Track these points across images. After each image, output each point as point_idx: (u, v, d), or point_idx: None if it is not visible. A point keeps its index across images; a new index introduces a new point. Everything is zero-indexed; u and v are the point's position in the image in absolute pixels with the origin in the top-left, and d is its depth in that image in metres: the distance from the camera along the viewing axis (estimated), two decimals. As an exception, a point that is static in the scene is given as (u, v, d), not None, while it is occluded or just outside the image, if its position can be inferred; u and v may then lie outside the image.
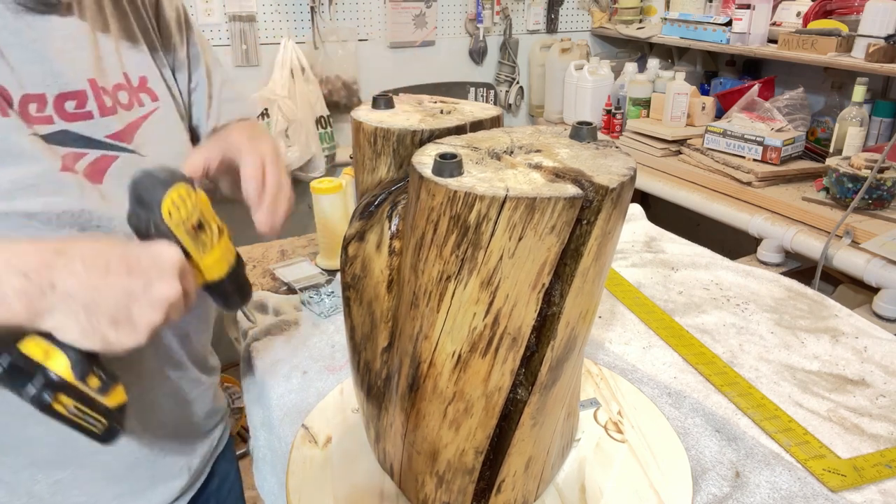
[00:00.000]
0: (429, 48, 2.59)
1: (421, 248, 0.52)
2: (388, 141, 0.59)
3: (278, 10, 2.27)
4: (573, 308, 0.53)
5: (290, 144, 2.16)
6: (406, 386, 0.59)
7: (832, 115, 2.04)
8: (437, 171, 0.48)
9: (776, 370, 0.91)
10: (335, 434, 0.77)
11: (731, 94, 2.26)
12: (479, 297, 0.50)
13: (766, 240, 1.74)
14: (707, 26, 2.26)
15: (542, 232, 0.47)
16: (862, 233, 1.57)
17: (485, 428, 0.57)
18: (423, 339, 0.55)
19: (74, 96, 0.65)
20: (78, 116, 0.65)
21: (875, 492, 0.70)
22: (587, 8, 2.85)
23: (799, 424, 0.80)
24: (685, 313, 1.06)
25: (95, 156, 0.66)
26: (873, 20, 1.76)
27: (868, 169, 1.59)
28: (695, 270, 1.21)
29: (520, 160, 0.52)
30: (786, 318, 1.05)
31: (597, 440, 0.75)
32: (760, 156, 1.92)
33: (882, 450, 0.76)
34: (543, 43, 2.73)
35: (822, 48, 1.89)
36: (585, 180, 0.48)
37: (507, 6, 2.66)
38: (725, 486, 0.70)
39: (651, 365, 0.92)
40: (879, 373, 0.91)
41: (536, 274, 0.50)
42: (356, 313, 0.65)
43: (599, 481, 0.69)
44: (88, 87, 0.66)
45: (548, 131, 0.60)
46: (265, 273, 1.22)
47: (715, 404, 0.84)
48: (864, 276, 1.51)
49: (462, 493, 0.62)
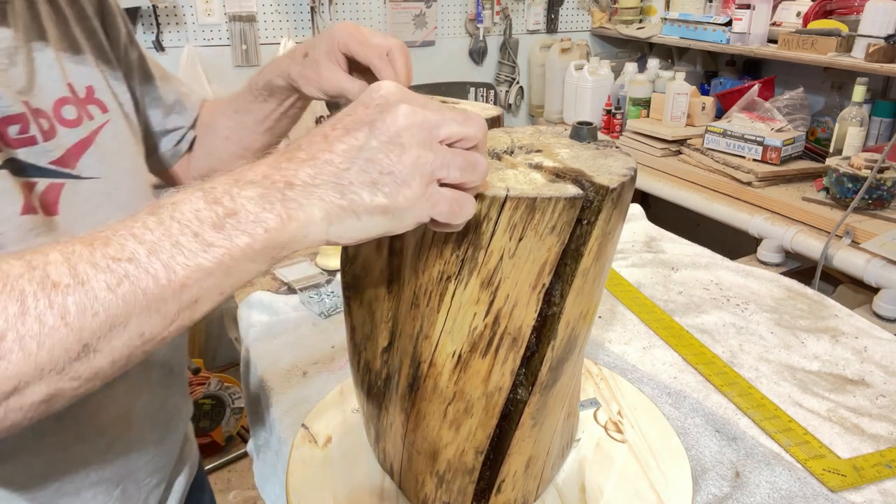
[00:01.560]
0: (429, 48, 2.59)
1: (421, 249, 0.52)
2: (389, 141, 0.59)
3: (278, 10, 2.27)
4: (573, 308, 0.53)
5: (290, 144, 2.16)
6: (406, 386, 0.59)
7: (832, 115, 2.04)
8: (438, 171, 0.48)
9: (776, 370, 0.91)
10: (335, 434, 0.77)
11: (731, 94, 2.26)
12: (479, 297, 0.50)
13: (766, 240, 1.74)
14: (707, 26, 2.26)
15: (542, 232, 0.47)
16: (862, 233, 1.57)
17: (485, 428, 0.57)
18: (423, 338, 0.55)
19: (17, 120, 0.57)
20: (23, 142, 0.57)
21: (875, 492, 0.70)
22: (587, 8, 2.85)
23: (799, 424, 0.80)
24: (685, 313, 1.06)
25: (45, 185, 0.58)
26: (873, 20, 1.77)
27: (868, 169, 1.59)
28: (695, 270, 1.21)
29: (520, 160, 0.52)
30: (786, 318, 1.05)
31: (597, 440, 0.75)
32: (760, 156, 1.92)
33: (882, 450, 0.76)
34: (543, 43, 2.73)
35: (822, 48, 1.90)
36: (586, 180, 0.48)
37: (507, 6, 2.66)
38: (725, 486, 0.70)
39: (651, 365, 0.92)
40: (879, 373, 0.91)
41: (537, 274, 0.50)
42: (356, 313, 0.65)
43: (599, 481, 0.69)
44: (26, 109, 0.58)
45: (548, 131, 0.60)
46: (265, 273, 1.22)
47: (715, 404, 0.84)
48: (864, 276, 1.51)
49: (462, 493, 0.62)
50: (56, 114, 0.61)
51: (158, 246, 0.36)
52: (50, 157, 0.58)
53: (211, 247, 0.37)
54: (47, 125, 0.59)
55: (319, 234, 0.40)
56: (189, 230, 0.37)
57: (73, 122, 0.62)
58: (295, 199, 0.39)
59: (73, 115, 0.62)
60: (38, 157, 0.58)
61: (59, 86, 0.62)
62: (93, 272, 0.35)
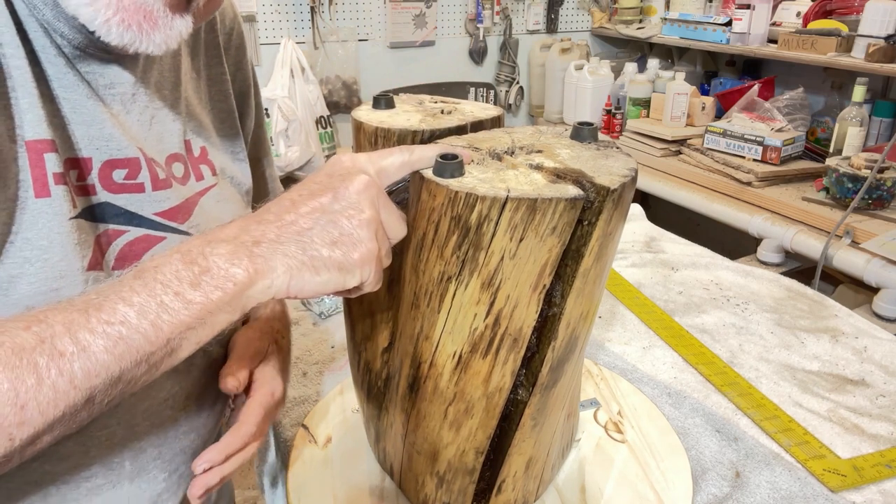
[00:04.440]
0: (429, 48, 2.59)
1: (422, 249, 0.52)
2: (389, 141, 0.59)
3: (278, 10, 2.27)
4: (574, 309, 0.53)
5: (290, 144, 2.16)
6: (406, 386, 0.59)
7: (832, 115, 2.05)
8: (439, 171, 0.48)
9: (776, 370, 0.91)
10: (335, 434, 0.77)
11: (731, 94, 2.26)
12: (479, 298, 0.50)
13: (766, 240, 1.75)
14: (707, 26, 2.26)
15: (543, 233, 0.47)
16: (862, 233, 1.57)
17: (485, 428, 0.57)
18: (423, 339, 0.55)
19: (126, 164, 0.55)
20: (126, 188, 0.55)
21: (875, 492, 0.70)
22: (587, 8, 2.85)
23: (799, 424, 0.80)
24: (685, 313, 1.06)
25: (137, 234, 0.56)
26: (873, 20, 1.77)
27: (868, 169, 1.59)
28: (695, 270, 1.21)
29: (521, 161, 0.52)
30: (786, 318, 1.05)
31: (597, 440, 0.75)
32: (760, 156, 1.92)
33: (882, 450, 0.76)
34: (543, 43, 2.73)
35: (822, 48, 1.90)
36: (586, 181, 0.48)
37: (507, 6, 2.66)
38: (725, 486, 0.70)
39: (651, 365, 0.92)
40: (879, 373, 0.91)
41: (537, 275, 0.50)
42: (356, 313, 0.65)
43: (599, 482, 0.69)
44: (141, 155, 0.56)
45: (548, 132, 0.60)
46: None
47: (715, 404, 0.84)
48: (864, 276, 1.51)
49: (462, 494, 0.62)
50: (168, 168, 0.60)
51: (146, 307, 0.41)
52: (157, 207, 0.58)
53: (191, 304, 0.41)
54: (163, 174, 0.58)
55: (282, 287, 0.44)
56: (171, 290, 0.41)
57: (180, 180, 0.61)
58: (261, 254, 0.43)
59: (180, 173, 0.61)
60: (143, 206, 0.57)
61: (175, 140, 0.61)
62: (91, 338, 0.39)
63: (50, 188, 0.49)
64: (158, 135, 0.59)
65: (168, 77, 0.61)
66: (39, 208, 0.49)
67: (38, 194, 0.49)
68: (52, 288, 0.50)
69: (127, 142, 0.55)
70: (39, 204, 0.49)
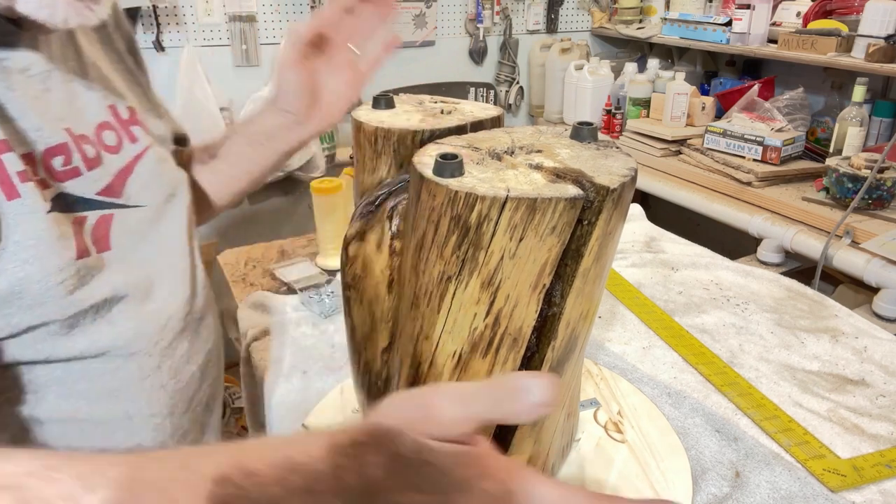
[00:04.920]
0: (429, 48, 2.59)
1: (421, 249, 0.52)
2: (389, 141, 0.59)
3: (278, 10, 2.27)
4: (574, 309, 0.53)
5: (290, 144, 2.16)
6: (406, 386, 0.59)
7: (832, 115, 2.04)
8: (438, 171, 0.48)
9: (776, 370, 0.91)
10: (335, 434, 0.77)
11: (731, 94, 2.26)
12: (479, 298, 0.50)
13: (766, 240, 1.75)
14: (707, 26, 2.26)
15: (542, 232, 0.47)
16: (862, 233, 1.57)
17: (485, 428, 0.57)
18: (423, 339, 0.55)
19: (60, 150, 0.53)
20: (68, 174, 0.54)
21: (875, 492, 0.70)
22: (587, 8, 2.85)
23: (799, 424, 0.80)
24: (685, 313, 1.06)
25: (95, 217, 0.55)
26: (873, 20, 1.77)
27: (868, 169, 1.59)
28: (695, 270, 1.21)
29: (520, 160, 0.52)
30: (786, 318, 1.05)
31: (597, 440, 0.75)
32: (760, 156, 1.92)
33: (882, 450, 0.76)
34: (543, 43, 2.73)
35: (822, 48, 1.90)
36: (586, 181, 0.48)
37: (507, 6, 2.66)
38: (725, 486, 0.70)
39: (651, 365, 0.92)
40: (879, 373, 0.91)
41: (537, 274, 0.50)
42: (356, 313, 0.65)
43: (599, 481, 0.69)
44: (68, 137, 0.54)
45: (548, 131, 0.60)
46: (265, 273, 1.22)
47: (715, 404, 0.84)
48: (864, 276, 1.51)
49: (462, 494, 0.62)
50: (98, 139, 0.58)
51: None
52: (97, 186, 0.56)
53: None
54: (93, 152, 0.56)
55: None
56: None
57: (113, 148, 0.59)
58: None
59: (113, 141, 0.59)
60: (85, 189, 0.55)
61: (100, 109, 0.59)
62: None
63: (18, 188, 0.48)
64: (82, 107, 0.57)
65: (69, 47, 0.59)
66: (16, 210, 0.48)
67: (9, 197, 0.48)
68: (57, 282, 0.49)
69: (52, 127, 0.53)
70: (14, 206, 0.48)
